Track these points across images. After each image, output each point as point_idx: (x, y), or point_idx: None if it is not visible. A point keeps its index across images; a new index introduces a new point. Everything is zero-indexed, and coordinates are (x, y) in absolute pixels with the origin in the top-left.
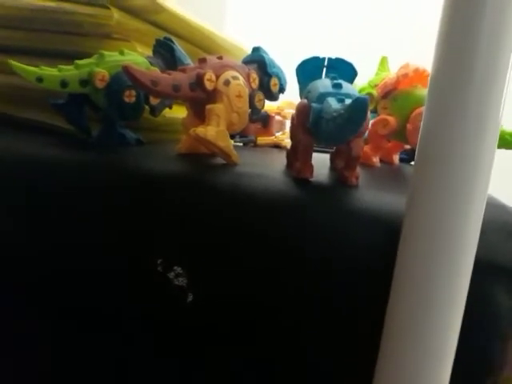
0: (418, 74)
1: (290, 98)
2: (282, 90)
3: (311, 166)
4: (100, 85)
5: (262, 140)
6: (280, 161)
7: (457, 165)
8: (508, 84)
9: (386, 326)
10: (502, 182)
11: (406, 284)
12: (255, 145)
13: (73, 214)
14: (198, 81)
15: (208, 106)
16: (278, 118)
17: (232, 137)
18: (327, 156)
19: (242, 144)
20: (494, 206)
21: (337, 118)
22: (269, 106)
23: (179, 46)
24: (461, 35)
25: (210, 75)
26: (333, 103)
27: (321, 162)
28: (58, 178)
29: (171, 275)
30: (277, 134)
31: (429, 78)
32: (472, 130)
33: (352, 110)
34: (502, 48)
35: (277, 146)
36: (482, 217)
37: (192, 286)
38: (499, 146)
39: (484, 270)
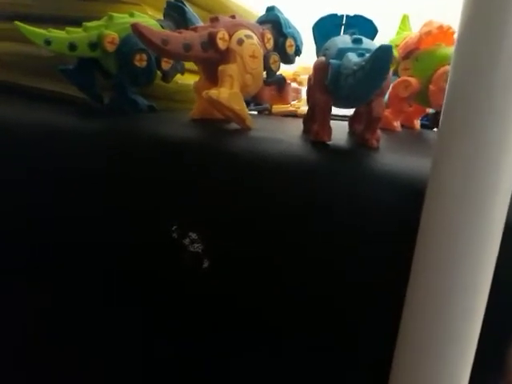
0: (442, 31)
1: (308, 64)
2: (298, 51)
3: (329, 129)
4: (110, 48)
5: (277, 108)
6: (296, 127)
7: (485, 126)
8: None
9: (409, 289)
10: None
11: (430, 247)
12: (270, 113)
13: (89, 180)
14: (211, 40)
15: (221, 67)
16: (293, 85)
17: (246, 104)
18: (345, 124)
19: (256, 112)
20: None
21: (357, 71)
22: (284, 71)
23: (190, 8)
24: None
25: (222, 34)
26: (353, 58)
27: (339, 128)
28: (72, 146)
29: (186, 241)
30: (292, 103)
31: (455, 35)
32: (502, 91)
33: (375, 60)
34: None
35: (293, 115)
36: (511, 180)
37: (207, 252)
38: None
39: None
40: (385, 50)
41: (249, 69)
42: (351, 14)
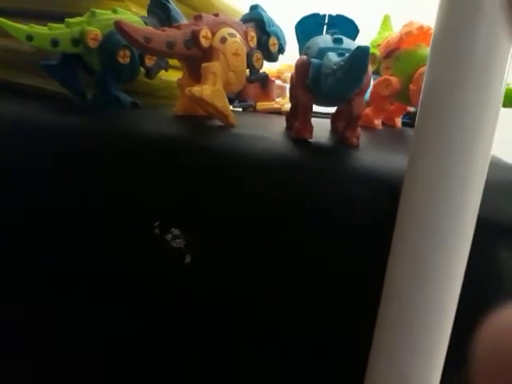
0: (423, 32)
1: (292, 62)
2: (281, 50)
3: (311, 126)
4: (92, 44)
5: (261, 105)
6: (280, 124)
7: (458, 125)
8: None
9: (387, 282)
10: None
11: (406, 241)
12: (254, 110)
13: (70, 177)
14: (194, 37)
15: (204, 65)
16: (278, 82)
17: (230, 102)
18: (328, 121)
19: (241, 109)
20: (499, 167)
21: (337, 71)
22: (268, 69)
23: (174, 6)
24: None
25: (205, 32)
26: (333, 57)
27: (321, 125)
28: (55, 142)
29: (168, 237)
30: (277, 100)
31: (431, 36)
32: (475, 88)
33: (353, 60)
34: None
35: (277, 112)
36: (484, 177)
37: (189, 248)
38: (507, 106)
39: (487, 228)
40: (362, 51)
41: (232, 66)
42: (333, 13)
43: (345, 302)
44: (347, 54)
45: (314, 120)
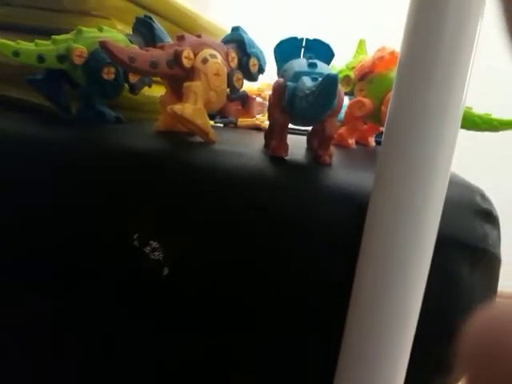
0: (394, 57)
1: (271, 81)
2: (261, 70)
3: (286, 145)
4: (78, 61)
5: (242, 121)
6: (259, 141)
7: (419, 144)
8: (471, 70)
9: (353, 296)
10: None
11: (370, 258)
12: (236, 126)
13: (51, 189)
14: (176, 58)
15: (186, 84)
16: (258, 99)
17: (212, 118)
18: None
19: (222, 125)
20: (459, 186)
21: (309, 95)
22: (249, 87)
23: (159, 25)
24: (427, 22)
25: (187, 52)
26: (307, 82)
27: (299, 142)
28: (38, 155)
29: (147, 250)
30: (257, 116)
31: (397, 63)
32: (436, 111)
33: (322, 87)
34: (465, 36)
35: (257, 128)
36: (444, 194)
37: (168, 260)
38: (469, 128)
39: (447, 245)
40: (331, 79)
41: (213, 86)
42: (310, 37)
43: (314, 310)
44: (320, 79)
45: (293, 137)
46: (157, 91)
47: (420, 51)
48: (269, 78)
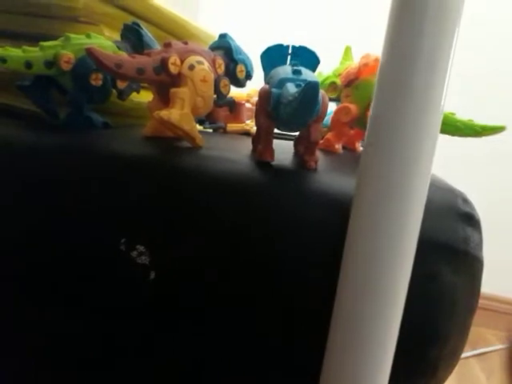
0: (378, 63)
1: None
2: (248, 76)
3: (272, 150)
4: (66, 67)
5: (231, 127)
6: (247, 146)
7: (400, 149)
8: (450, 76)
9: (337, 298)
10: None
11: (353, 261)
12: (225, 131)
13: (38, 194)
14: (163, 64)
15: (172, 90)
16: (247, 105)
17: (201, 123)
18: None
19: (211, 130)
20: (441, 189)
21: (292, 101)
22: (238, 93)
23: (147, 31)
24: (406, 30)
25: (174, 59)
26: (291, 88)
27: (287, 147)
28: (26, 161)
29: (134, 254)
30: (247, 122)
31: (378, 70)
32: (414, 117)
33: (303, 94)
34: (443, 42)
35: (246, 133)
36: (424, 197)
37: (154, 264)
38: (452, 133)
39: (429, 248)
40: (312, 86)
41: (199, 92)
42: (296, 44)
43: (300, 312)
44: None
45: (281, 142)
46: (145, 97)
47: (399, 58)
48: (258, 84)
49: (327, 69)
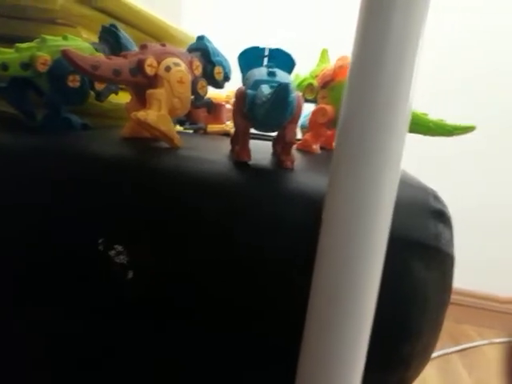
0: None
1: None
2: (226, 78)
3: (249, 150)
4: (42, 69)
5: (212, 128)
6: (226, 146)
7: (368, 147)
8: (416, 81)
9: (311, 295)
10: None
11: (326, 259)
12: (205, 132)
13: (15, 195)
14: (139, 66)
15: (149, 91)
16: (228, 106)
17: (182, 123)
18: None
19: (192, 131)
20: (413, 187)
21: (265, 102)
22: (218, 94)
23: (125, 33)
24: (374, 31)
25: (151, 61)
26: (265, 89)
27: (266, 148)
28: (4, 163)
29: (112, 253)
30: (227, 123)
31: (348, 71)
32: (383, 116)
33: (275, 95)
34: (409, 43)
35: (227, 134)
36: (394, 195)
37: (132, 264)
38: (424, 133)
39: (400, 244)
40: (283, 88)
41: (176, 93)
42: (272, 47)
43: (278, 312)
44: None
45: (262, 143)
46: (124, 98)
47: (367, 58)
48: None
49: (304, 71)
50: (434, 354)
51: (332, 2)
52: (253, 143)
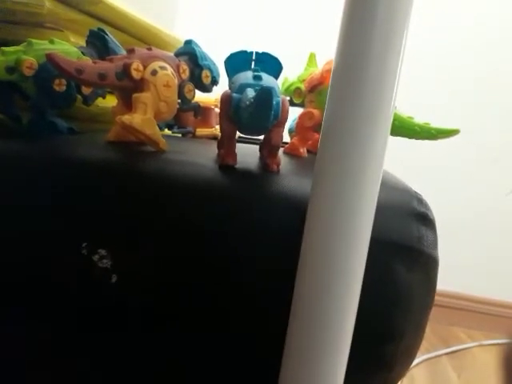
0: None
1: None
2: (214, 82)
3: (234, 154)
4: (28, 72)
5: (200, 131)
6: (214, 150)
7: (351, 150)
8: (399, 78)
9: (294, 297)
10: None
11: (308, 261)
12: (194, 136)
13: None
14: (125, 70)
15: (135, 95)
16: (216, 110)
17: (170, 127)
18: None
19: (180, 135)
20: (397, 190)
21: (249, 106)
22: (207, 98)
23: (113, 37)
24: (357, 35)
25: (137, 65)
26: (250, 93)
27: (253, 151)
28: None
29: (95, 258)
30: (216, 126)
31: (330, 75)
32: (365, 119)
33: (258, 99)
34: (391, 49)
35: (215, 138)
36: (375, 198)
37: (116, 268)
38: (410, 136)
39: (383, 247)
40: (266, 91)
41: (162, 97)
42: (260, 51)
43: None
44: None
45: (249, 146)
46: (111, 102)
47: (350, 60)
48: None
49: (292, 75)
50: (424, 356)
51: (327, 5)
52: (240, 147)
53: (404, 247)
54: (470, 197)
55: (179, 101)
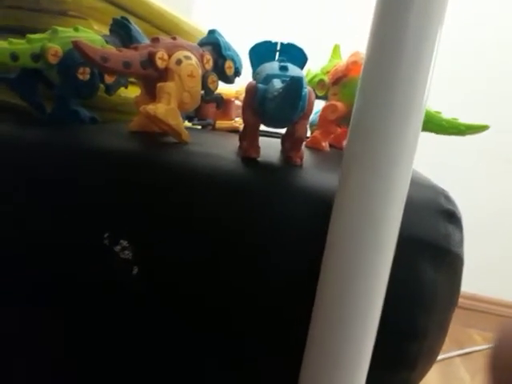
0: None
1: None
2: (237, 73)
3: (257, 146)
4: (53, 60)
5: (220, 124)
6: (234, 143)
7: (381, 147)
8: (433, 74)
9: (318, 294)
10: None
11: (334, 257)
12: (213, 128)
13: (24, 189)
14: (150, 59)
15: (159, 84)
16: (237, 102)
17: (190, 119)
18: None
19: (200, 127)
20: (424, 187)
21: (277, 96)
22: (228, 90)
23: (136, 26)
24: (390, 28)
25: (161, 54)
26: (276, 84)
27: (274, 144)
28: (12, 156)
29: (117, 248)
30: (236, 119)
31: (362, 67)
32: (397, 113)
33: (287, 89)
34: (426, 41)
35: (235, 131)
36: (405, 194)
37: (137, 259)
38: (437, 132)
39: (410, 245)
40: (295, 81)
41: (186, 87)
42: (284, 41)
43: (282, 310)
44: None
45: (270, 140)
46: (133, 92)
47: (383, 53)
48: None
49: (315, 66)
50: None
51: None
52: (261, 140)
53: (431, 245)
54: (487, 197)
55: (202, 92)
